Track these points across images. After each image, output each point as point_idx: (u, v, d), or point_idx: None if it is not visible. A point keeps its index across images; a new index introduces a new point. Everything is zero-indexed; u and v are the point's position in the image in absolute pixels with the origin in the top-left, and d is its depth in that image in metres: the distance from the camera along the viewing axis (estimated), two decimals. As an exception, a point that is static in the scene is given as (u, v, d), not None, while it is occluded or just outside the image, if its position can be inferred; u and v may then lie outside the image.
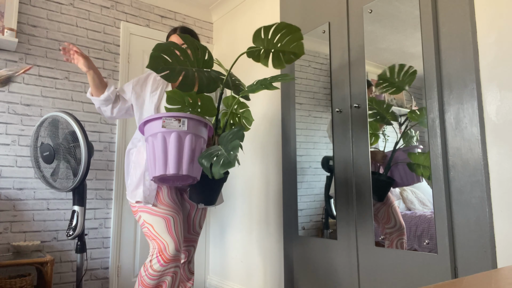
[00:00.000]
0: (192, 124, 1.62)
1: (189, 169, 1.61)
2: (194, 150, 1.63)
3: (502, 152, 1.50)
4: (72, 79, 2.86)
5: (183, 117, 1.59)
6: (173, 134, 1.58)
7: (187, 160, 1.60)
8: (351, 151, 2.04)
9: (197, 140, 1.64)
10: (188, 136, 1.60)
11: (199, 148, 1.66)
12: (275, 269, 2.62)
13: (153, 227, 1.78)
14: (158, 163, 1.58)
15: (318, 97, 2.29)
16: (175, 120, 1.58)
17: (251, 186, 2.92)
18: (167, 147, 1.58)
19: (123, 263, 2.92)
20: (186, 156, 1.60)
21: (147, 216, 1.80)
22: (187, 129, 1.60)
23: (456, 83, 1.65)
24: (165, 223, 1.77)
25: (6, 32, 2.49)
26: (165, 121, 1.57)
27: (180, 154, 1.59)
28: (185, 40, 1.59)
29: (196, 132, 1.63)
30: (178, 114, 1.60)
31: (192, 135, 1.62)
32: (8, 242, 2.52)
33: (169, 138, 1.58)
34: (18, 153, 2.62)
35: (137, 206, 1.84)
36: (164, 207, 1.81)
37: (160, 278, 1.74)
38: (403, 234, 1.78)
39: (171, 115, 1.59)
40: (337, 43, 2.19)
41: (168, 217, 1.80)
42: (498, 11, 1.55)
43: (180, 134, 1.59)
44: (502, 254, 1.46)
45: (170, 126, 1.58)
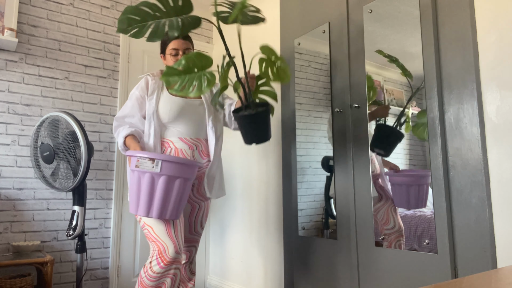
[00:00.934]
0: (168, 166, 1.57)
1: (159, 212, 1.59)
2: (167, 192, 1.58)
3: (502, 152, 1.50)
4: (72, 79, 2.86)
5: (158, 159, 1.55)
6: (147, 175, 1.55)
7: (158, 203, 1.58)
8: (351, 151, 2.04)
9: (173, 181, 1.59)
10: (161, 178, 1.57)
11: (177, 189, 1.61)
12: (275, 269, 2.62)
13: (153, 229, 1.77)
14: (132, 201, 1.59)
15: (318, 97, 2.29)
16: (149, 160, 1.55)
17: (251, 186, 2.92)
18: (140, 187, 1.57)
19: (123, 263, 2.92)
20: (157, 199, 1.57)
21: (147, 218, 1.80)
22: (160, 171, 1.56)
23: (456, 83, 1.65)
24: (165, 226, 1.77)
25: (6, 32, 2.49)
26: (139, 160, 1.55)
27: (151, 196, 1.56)
28: None
29: (173, 173, 1.59)
30: (152, 155, 1.55)
31: (167, 177, 1.58)
32: (8, 242, 2.52)
33: (143, 178, 1.56)
34: (18, 153, 2.62)
35: None
36: None
37: (159, 280, 1.74)
38: (401, 236, 1.78)
39: (145, 155, 1.55)
40: (337, 43, 2.19)
41: (168, 220, 1.80)
42: (498, 11, 1.55)
43: (153, 176, 1.55)
44: (502, 254, 1.47)
45: (143, 166, 1.55)
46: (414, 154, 1.78)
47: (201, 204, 2.05)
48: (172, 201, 1.63)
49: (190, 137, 1.93)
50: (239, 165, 3.07)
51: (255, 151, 2.91)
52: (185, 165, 1.64)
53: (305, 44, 2.41)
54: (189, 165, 1.67)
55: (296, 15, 2.53)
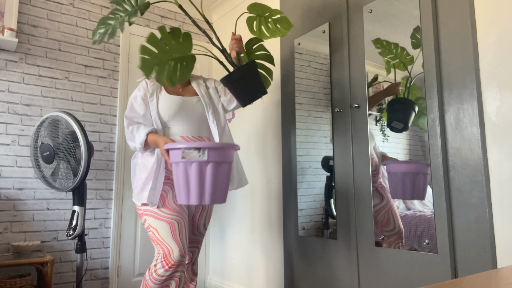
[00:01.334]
0: (213, 153, 1.59)
1: (211, 198, 1.60)
2: (216, 177, 1.60)
3: (502, 152, 1.50)
4: (72, 79, 2.86)
5: (203, 147, 1.57)
6: (194, 164, 1.56)
7: (209, 190, 1.59)
8: (351, 151, 2.04)
9: (219, 166, 1.61)
10: (209, 165, 1.58)
11: (223, 173, 1.63)
12: (275, 269, 2.62)
13: (158, 232, 1.77)
14: (182, 193, 1.59)
15: (318, 97, 2.29)
16: (195, 150, 1.56)
17: (251, 186, 2.92)
18: (189, 177, 1.57)
19: (123, 263, 2.92)
20: (208, 186, 1.59)
21: (152, 220, 1.80)
22: (208, 159, 1.57)
23: (456, 83, 1.65)
24: (170, 228, 1.77)
25: (6, 32, 2.49)
26: (185, 151, 1.56)
27: (202, 184, 1.57)
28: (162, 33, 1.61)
29: (218, 159, 1.61)
30: (198, 144, 1.57)
31: (213, 163, 1.59)
32: (8, 242, 2.52)
33: (190, 168, 1.57)
34: (18, 153, 2.62)
35: (143, 209, 1.84)
36: (169, 212, 1.80)
37: (164, 283, 1.74)
38: (401, 238, 1.78)
39: (190, 145, 1.56)
40: (337, 43, 2.19)
41: (173, 222, 1.79)
42: (498, 11, 1.55)
43: (201, 164, 1.57)
44: (502, 254, 1.46)
45: (190, 156, 1.56)
46: (414, 154, 1.78)
47: (205, 205, 2.05)
48: (220, 185, 1.65)
49: (192, 135, 1.93)
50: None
51: (255, 151, 2.91)
52: (228, 149, 1.66)
53: (305, 44, 2.41)
54: (231, 149, 1.69)
55: (296, 15, 2.53)
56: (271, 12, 1.73)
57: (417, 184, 1.75)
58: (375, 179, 1.92)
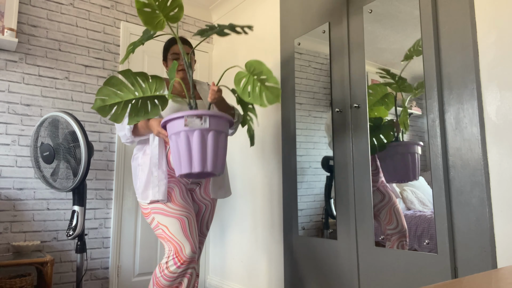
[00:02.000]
0: (214, 121, 1.62)
1: (213, 166, 1.62)
2: (217, 146, 1.64)
3: (502, 152, 1.50)
4: (72, 79, 2.86)
5: (205, 114, 1.59)
6: (196, 132, 1.59)
7: (211, 157, 1.61)
8: (351, 151, 2.04)
9: (219, 135, 1.65)
10: (210, 133, 1.61)
11: (222, 143, 1.66)
12: (275, 269, 2.62)
13: (168, 229, 1.76)
14: (184, 162, 1.59)
15: (318, 97, 2.29)
16: (197, 118, 1.59)
17: (251, 186, 2.92)
18: (191, 145, 1.59)
19: (123, 263, 2.92)
20: (210, 153, 1.61)
21: (161, 217, 1.79)
22: (209, 126, 1.60)
23: (456, 83, 1.65)
24: (180, 224, 1.76)
25: (6, 32, 2.49)
26: (187, 119, 1.58)
27: (204, 151, 1.60)
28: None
29: (218, 128, 1.64)
30: (200, 112, 1.60)
31: (214, 131, 1.62)
32: (8, 242, 2.52)
33: (192, 136, 1.59)
34: (18, 153, 2.62)
35: (150, 207, 1.83)
36: (178, 208, 1.80)
37: (176, 280, 1.74)
38: (404, 237, 1.77)
39: (192, 113, 1.59)
40: (337, 43, 2.19)
41: (182, 218, 1.78)
42: (498, 11, 1.55)
43: (203, 132, 1.60)
44: (502, 254, 1.46)
45: (192, 124, 1.58)
46: (414, 154, 1.78)
47: (208, 204, 2.05)
48: (220, 155, 1.66)
49: None
50: (239, 165, 3.07)
51: (255, 151, 2.91)
52: (226, 119, 1.68)
53: (305, 44, 2.41)
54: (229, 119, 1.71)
55: (296, 15, 2.53)
56: (268, 77, 1.60)
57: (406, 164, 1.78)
58: (376, 179, 1.92)
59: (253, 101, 1.62)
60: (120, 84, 1.62)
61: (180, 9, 1.66)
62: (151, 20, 1.63)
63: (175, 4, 1.63)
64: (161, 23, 1.66)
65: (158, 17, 1.64)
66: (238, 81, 1.64)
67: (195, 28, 3.55)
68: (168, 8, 1.63)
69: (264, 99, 1.61)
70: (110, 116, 1.63)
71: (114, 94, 1.61)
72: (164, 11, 1.63)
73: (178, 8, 1.65)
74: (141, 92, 1.64)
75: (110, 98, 1.60)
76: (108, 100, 1.59)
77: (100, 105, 1.58)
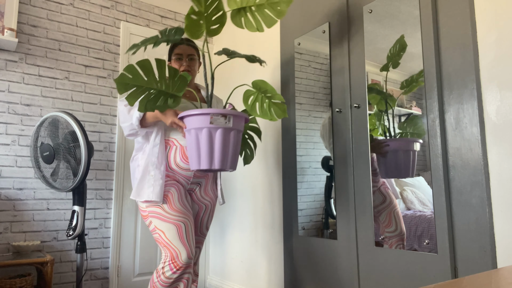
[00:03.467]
0: (236, 120, 1.68)
1: (231, 163, 1.68)
2: (236, 144, 1.70)
3: (502, 152, 1.50)
4: (72, 79, 2.86)
5: (229, 114, 1.65)
6: (219, 130, 1.64)
7: (231, 155, 1.67)
8: (351, 151, 2.04)
9: (238, 134, 1.72)
10: (232, 132, 1.67)
11: (239, 141, 1.73)
12: (275, 269, 2.62)
13: (165, 234, 1.76)
14: (204, 157, 1.64)
15: (318, 97, 2.29)
16: (222, 116, 1.64)
17: (251, 186, 2.92)
18: (213, 142, 1.64)
19: (123, 263, 2.92)
20: (230, 151, 1.67)
21: (158, 222, 1.79)
22: (232, 126, 1.66)
23: (456, 83, 1.65)
24: (177, 230, 1.76)
25: (6, 32, 2.49)
26: (213, 117, 1.63)
27: (226, 149, 1.66)
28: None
29: (239, 127, 1.70)
30: (225, 111, 1.65)
31: (235, 131, 1.68)
32: (8, 242, 2.52)
33: (215, 134, 1.64)
34: (18, 153, 2.62)
35: (148, 211, 1.82)
36: (175, 213, 1.79)
37: (172, 285, 1.75)
38: (402, 240, 1.78)
39: (219, 112, 1.64)
40: (337, 43, 2.19)
41: (179, 224, 1.78)
42: (498, 11, 1.55)
43: (226, 131, 1.65)
44: (502, 254, 1.47)
45: (217, 122, 1.63)
46: (414, 154, 1.78)
47: (208, 205, 2.04)
48: (237, 152, 1.73)
49: None
50: (239, 165, 3.07)
51: (256, 151, 2.91)
52: (246, 119, 1.75)
53: (305, 44, 2.41)
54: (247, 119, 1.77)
55: (296, 15, 2.53)
56: (273, 94, 1.77)
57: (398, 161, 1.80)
58: (377, 179, 1.92)
59: (262, 116, 1.78)
60: (149, 69, 1.64)
61: (221, 26, 1.75)
62: (193, 28, 1.69)
63: (219, 20, 1.73)
64: (200, 33, 1.73)
65: (201, 27, 1.70)
66: (247, 98, 1.79)
67: (195, 28, 3.55)
68: (212, 22, 1.71)
69: (273, 113, 1.78)
70: (126, 95, 1.66)
71: (139, 76, 1.62)
72: (208, 23, 1.71)
73: (220, 24, 1.74)
74: (163, 86, 1.67)
75: (134, 78, 1.61)
76: (131, 80, 1.61)
77: (122, 81, 1.60)
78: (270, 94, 1.78)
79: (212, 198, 2.05)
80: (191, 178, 1.93)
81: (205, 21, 1.69)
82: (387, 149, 1.87)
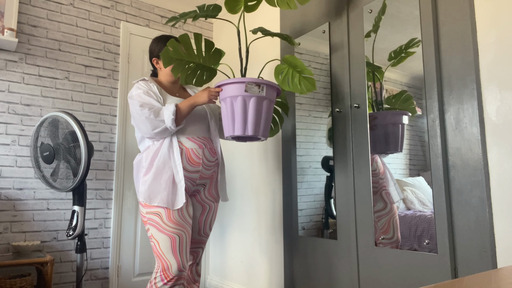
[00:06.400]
0: (269, 90, 1.75)
1: (264, 131, 1.76)
2: (269, 113, 1.77)
3: (502, 152, 1.50)
4: (72, 79, 2.86)
5: (263, 83, 1.73)
6: (253, 98, 1.71)
7: (264, 123, 1.74)
8: (351, 151, 2.04)
9: (271, 104, 1.79)
10: (265, 101, 1.74)
11: (271, 111, 1.80)
12: (275, 269, 2.62)
13: (159, 245, 1.78)
14: (238, 124, 1.71)
15: (318, 97, 2.29)
16: (256, 85, 1.72)
17: (251, 186, 2.92)
18: (247, 110, 1.72)
19: (123, 263, 2.92)
20: (263, 120, 1.74)
21: (155, 231, 1.80)
22: (265, 95, 1.73)
23: (456, 83, 1.65)
24: (171, 242, 1.78)
25: (6, 32, 2.49)
26: (247, 85, 1.72)
27: (258, 117, 1.73)
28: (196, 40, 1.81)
29: (271, 97, 1.77)
30: (260, 80, 1.72)
31: (268, 100, 1.75)
32: (8, 242, 2.52)
33: (249, 101, 1.71)
34: (18, 153, 2.62)
35: (147, 217, 1.82)
36: (172, 225, 1.80)
37: None
38: (397, 247, 1.79)
39: (253, 81, 1.72)
40: (337, 43, 2.19)
41: (174, 236, 1.79)
42: (498, 11, 1.55)
43: (259, 99, 1.73)
44: (502, 254, 1.47)
45: (252, 91, 1.71)
46: (414, 154, 1.78)
47: (212, 205, 2.02)
48: (269, 121, 1.80)
49: (197, 136, 1.91)
50: (239, 165, 3.07)
51: (255, 151, 2.91)
52: (278, 89, 1.82)
53: (305, 44, 2.41)
54: (278, 90, 1.85)
55: (296, 15, 2.53)
56: (303, 69, 1.86)
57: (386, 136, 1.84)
58: (378, 179, 1.92)
59: (293, 90, 1.87)
60: (188, 44, 1.76)
61: (258, 3, 1.87)
62: (232, 2, 1.84)
63: None
64: (238, 8, 1.86)
65: (239, 2, 1.85)
66: (278, 72, 1.89)
67: (195, 28, 3.55)
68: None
69: (303, 87, 1.86)
70: (171, 68, 1.79)
71: (179, 51, 1.76)
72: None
73: (257, 1, 1.85)
74: (201, 59, 1.81)
75: (175, 52, 1.74)
76: (173, 53, 1.74)
77: (167, 54, 1.73)
78: (300, 69, 1.86)
79: (215, 198, 2.04)
80: (197, 180, 1.91)
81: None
82: (375, 122, 1.90)
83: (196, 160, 1.87)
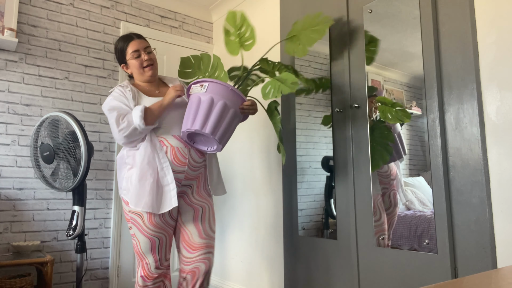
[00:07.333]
0: (212, 87, 1.79)
1: (220, 137, 1.77)
2: (230, 121, 1.80)
3: (502, 152, 1.50)
4: (72, 79, 2.86)
5: (206, 81, 1.80)
6: (220, 102, 1.77)
7: (223, 129, 1.77)
8: (351, 151, 2.04)
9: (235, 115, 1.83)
10: (231, 110, 1.80)
11: (234, 122, 1.83)
12: (275, 269, 2.62)
13: (140, 245, 1.84)
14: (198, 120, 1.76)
15: (318, 97, 2.29)
16: (199, 85, 1.82)
17: (251, 186, 2.92)
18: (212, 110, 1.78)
19: (123, 263, 2.92)
20: (224, 124, 1.78)
21: (136, 231, 1.84)
22: (206, 92, 1.79)
23: (456, 83, 1.65)
24: (151, 244, 1.83)
25: (6, 32, 2.49)
26: (192, 87, 1.84)
27: (220, 120, 1.77)
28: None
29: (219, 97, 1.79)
30: (202, 80, 1.81)
31: (233, 109, 1.80)
32: (8, 242, 2.52)
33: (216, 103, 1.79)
34: (18, 153, 2.62)
35: (130, 216, 1.84)
36: (153, 227, 1.82)
37: None
38: (384, 231, 1.80)
39: (197, 81, 1.83)
40: (337, 43, 2.19)
41: (154, 239, 1.83)
42: (498, 11, 1.55)
43: (201, 96, 1.79)
44: (502, 254, 1.47)
45: (195, 91, 1.82)
46: (414, 154, 1.78)
47: (204, 206, 1.96)
48: (230, 132, 1.85)
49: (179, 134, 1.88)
50: (239, 165, 3.07)
51: (255, 151, 2.91)
52: (226, 87, 1.82)
53: (305, 44, 2.41)
54: (233, 91, 1.83)
55: (296, 15, 2.53)
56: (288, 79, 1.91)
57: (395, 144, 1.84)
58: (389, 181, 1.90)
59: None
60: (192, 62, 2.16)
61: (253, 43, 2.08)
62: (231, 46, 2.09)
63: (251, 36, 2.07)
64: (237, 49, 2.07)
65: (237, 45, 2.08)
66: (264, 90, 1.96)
67: (195, 28, 3.55)
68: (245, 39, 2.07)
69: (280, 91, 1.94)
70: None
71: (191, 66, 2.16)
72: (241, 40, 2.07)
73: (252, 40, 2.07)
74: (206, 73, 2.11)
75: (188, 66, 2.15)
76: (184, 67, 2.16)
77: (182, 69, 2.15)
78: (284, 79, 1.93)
79: (207, 199, 1.98)
80: (182, 180, 1.86)
81: (239, 39, 2.06)
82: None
83: (182, 159, 1.83)
